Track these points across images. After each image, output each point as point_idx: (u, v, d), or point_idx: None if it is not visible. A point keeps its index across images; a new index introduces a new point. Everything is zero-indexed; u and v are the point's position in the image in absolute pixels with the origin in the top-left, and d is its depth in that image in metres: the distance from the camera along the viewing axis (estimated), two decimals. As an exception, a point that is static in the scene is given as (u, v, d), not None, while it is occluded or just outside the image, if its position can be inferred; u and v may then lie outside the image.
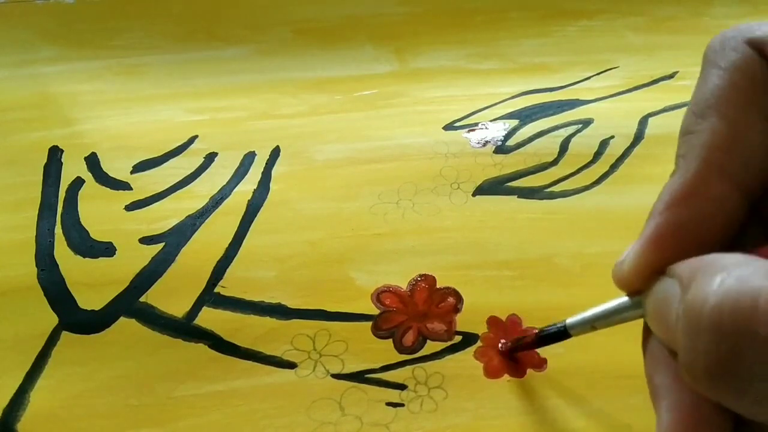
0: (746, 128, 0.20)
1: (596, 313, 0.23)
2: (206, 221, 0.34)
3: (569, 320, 0.24)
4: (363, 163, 0.36)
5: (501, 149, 0.36)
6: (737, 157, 0.20)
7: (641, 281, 0.21)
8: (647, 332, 0.22)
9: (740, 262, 0.17)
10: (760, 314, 0.16)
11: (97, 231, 0.33)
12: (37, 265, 0.32)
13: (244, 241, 0.33)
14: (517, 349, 0.28)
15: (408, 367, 0.28)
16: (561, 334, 0.25)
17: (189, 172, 0.36)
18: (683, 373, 0.18)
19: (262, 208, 0.34)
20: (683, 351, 0.18)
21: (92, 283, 0.31)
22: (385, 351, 0.29)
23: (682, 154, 0.21)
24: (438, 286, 0.30)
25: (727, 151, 0.20)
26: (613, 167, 0.35)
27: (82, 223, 0.34)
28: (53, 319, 0.30)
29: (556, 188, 0.35)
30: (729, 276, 0.17)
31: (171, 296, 0.31)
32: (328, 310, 0.30)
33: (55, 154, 0.37)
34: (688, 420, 0.19)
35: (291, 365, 0.28)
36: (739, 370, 0.16)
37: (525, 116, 0.38)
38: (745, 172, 0.21)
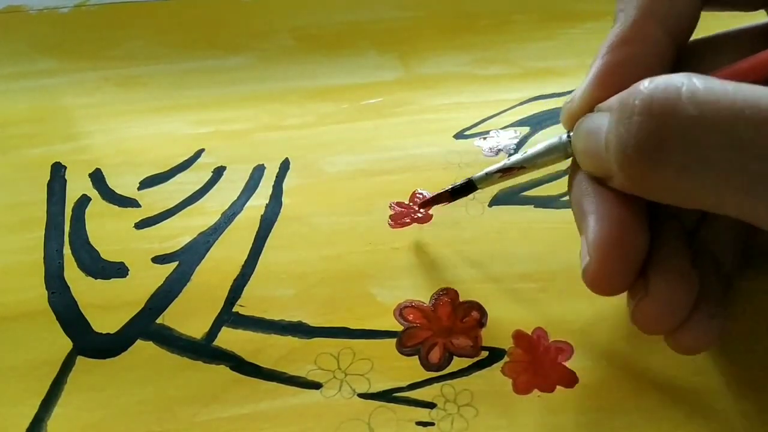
0: None
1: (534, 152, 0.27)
2: (219, 238, 0.33)
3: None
4: (375, 174, 0.36)
5: (514, 157, 0.36)
6: (669, 8, 0.24)
7: None
8: (575, 168, 0.25)
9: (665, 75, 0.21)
10: (683, 99, 0.19)
11: (107, 251, 0.33)
12: (47, 288, 0.31)
13: (260, 258, 0.32)
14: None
15: (436, 384, 0.28)
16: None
17: (198, 187, 0.35)
18: (616, 164, 0.21)
19: (276, 224, 0.33)
20: (616, 141, 0.21)
21: (106, 305, 0.31)
22: (411, 368, 0.28)
23: (621, 8, 0.24)
24: (461, 300, 0.30)
25: (660, 1, 0.24)
26: (627, 173, 0.35)
27: (91, 242, 0.33)
28: (67, 344, 0.29)
29: (571, 196, 0.34)
30: (657, 78, 0.20)
31: (188, 317, 0.30)
32: (351, 327, 0.30)
33: (58, 170, 0.36)
34: (614, 227, 0.23)
35: (316, 385, 0.28)
36: (665, 143, 0.19)
37: (535, 123, 0.38)
38: (676, 21, 0.24)
